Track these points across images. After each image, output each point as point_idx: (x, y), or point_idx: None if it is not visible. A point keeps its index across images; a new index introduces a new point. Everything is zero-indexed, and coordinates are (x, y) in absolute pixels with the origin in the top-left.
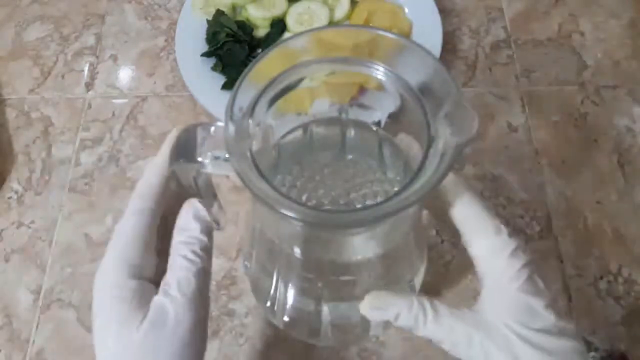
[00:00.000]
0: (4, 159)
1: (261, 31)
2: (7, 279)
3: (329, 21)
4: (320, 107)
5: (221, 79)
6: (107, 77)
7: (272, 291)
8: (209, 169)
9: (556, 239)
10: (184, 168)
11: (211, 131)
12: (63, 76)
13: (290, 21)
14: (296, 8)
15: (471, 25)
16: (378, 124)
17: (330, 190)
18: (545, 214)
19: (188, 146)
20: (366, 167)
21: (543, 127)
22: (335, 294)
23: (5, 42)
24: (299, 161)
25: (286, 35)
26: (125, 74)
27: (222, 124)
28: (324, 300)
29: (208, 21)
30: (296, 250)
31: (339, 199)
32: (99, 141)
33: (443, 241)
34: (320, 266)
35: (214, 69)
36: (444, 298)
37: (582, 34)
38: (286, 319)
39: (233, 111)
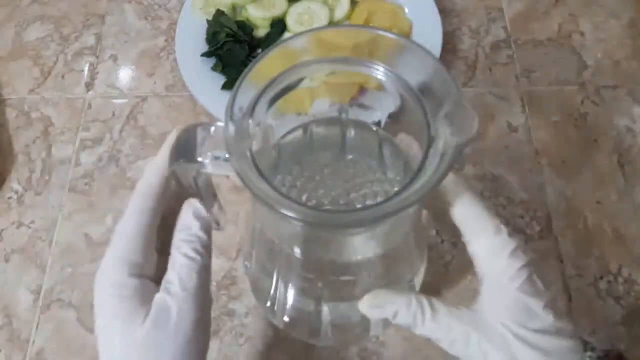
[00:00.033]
0: (4, 159)
1: (261, 31)
2: (7, 279)
3: (329, 21)
4: (320, 107)
5: (221, 79)
6: (107, 77)
7: (272, 291)
8: (209, 169)
9: (556, 239)
10: (184, 168)
11: (211, 131)
12: (63, 76)
13: (290, 21)
14: (296, 8)
15: (471, 25)
16: (378, 124)
17: (330, 190)
18: (545, 214)
19: (188, 146)
20: (366, 167)
21: (543, 127)
22: (335, 294)
23: (5, 42)
24: (299, 161)
25: (286, 35)
26: (125, 74)
27: (222, 124)
28: (324, 300)
29: (208, 21)
30: (296, 250)
31: (339, 199)
32: (99, 141)
33: (443, 241)
34: (320, 266)
35: (214, 69)
36: (444, 298)
37: (582, 34)
38: (286, 319)
39: (233, 111)
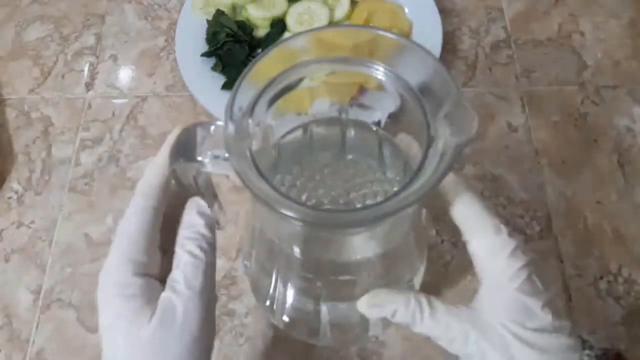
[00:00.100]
0: (4, 159)
1: (261, 31)
2: (7, 279)
3: (329, 21)
4: (320, 107)
5: (221, 79)
6: (107, 77)
7: (271, 291)
8: (208, 168)
9: (556, 239)
10: (184, 167)
11: (211, 130)
12: (63, 76)
13: (290, 21)
14: (296, 8)
15: (471, 25)
16: (378, 124)
17: (330, 190)
18: (545, 214)
19: (188, 145)
20: (366, 167)
21: (543, 127)
22: (335, 293)
23: (5, 42)
24: (299, 161)
25: (286, 35)
26: (125, 74)
27: (222, 123)
28: (323, 300)
29: (208, 21)
30: (296, 250)
31: (338, 198)
32: (99, 141)
33: (443, 241)
34: (319, 266)
35: (214, 69)
36: (444, 298)
37: (582, 34)
38: (285, 318)
39: (233, 111)
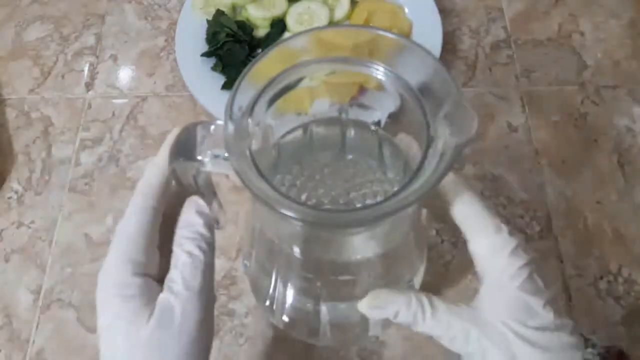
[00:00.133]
0: (4, 159)
1: (261, 31)
2: (7, 279)
3: (329, 21)
4: (320, 107)
5: (221, 79)
6: (107, 77)
7: (271, 291)
8: (208, 168)
9: (556, 239)
10: (183, 166)
11: (211, 130)
12: (63, 76)
13: (290, 21)
14: (296, 8)
15: (471, 25)
16: (378, 124)
17: (330, 190)
18: (545, 214)
19: (188, 144)
20: (366, 167)
21: (543, 127)
22: (334, 293)
23: (5, 42)
24: (298, 161)
25: (286, 35)
26: (125, 74)
27: (221, 122)
28: (323, 300)
29: (208, 21)
30: (295, 250)
31: (338, 198)
32: (99, 141)
33: (443, 241)
34: (319, 266)
35: (214, 69)
36: (444, 298)
37: (582, 34)
38: (285, 318)
39: (232, 110)
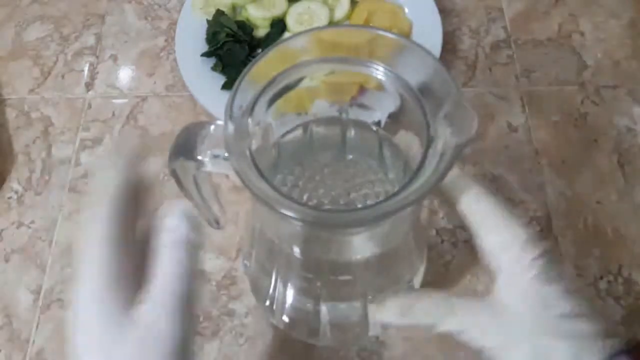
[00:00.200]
0: (4, 159)
1: (261, 31)
2: (7, 279)
3: (329, 21)
4: (320, 107)
5: (221, 79)
6: (107, 77)
7: (271, 291)
8: (208, 168)
9: (556, 239)
10: (183, 166)
11: (211, 130)
12: (63, 76)
13: (290, 21)
14: (296, 8)
15: (471, 25)
16: (378, 124)
17: (330, 190)
18: (545, 214)
19: (188, 144)
20: (366, 167)
21: (543, 127)
22: (334, 293)
23: (5, 42)
24: (299, 161)
25: (286, 35)
26: (125, 74)
27: (221, 122)
28: (323, 300)
29: (208, 21)
30: (295, 250)
31: (339, 199)
32: (99, 141)
33: (443, 241)
34: (319, 266)
35: (214, 69)
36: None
37: (582, 34)
38: (285, 318)
39: (232, 110)
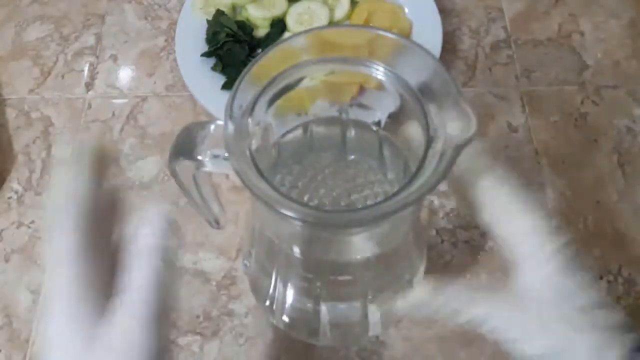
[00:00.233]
0: (4, 159)
1: (261, 31)
2: (7, 279)
3: (329, 21)
4: (320, 107)
5: (221, 79)
6: (107, 77)
7: (271, 291)
8: (208, 167)
9: None
10: (183, 166)
11: (211, 130)
12: (63, 76)
13: (290, 21)
14: (296, 8)
15: (471, 25)
16: (378, 124)
17: (330, 190)
18: (546, 214)
19: (187, 144)
20: (367, 167)
21: (543, 127)
22: (334, 293)
23: (5, 42)
24: (299, 161)
25: (286, 35)
26: (125, 74)
27: (221, 122)
28: (323, 300)
29: (208, 21)
30: (295, 250)
31: (339, 199)
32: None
33: (443, 241)
34: (319, 266)
35: (214, 69)
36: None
37: (582, 34)
38: (285, 318)
39: (232, 110)
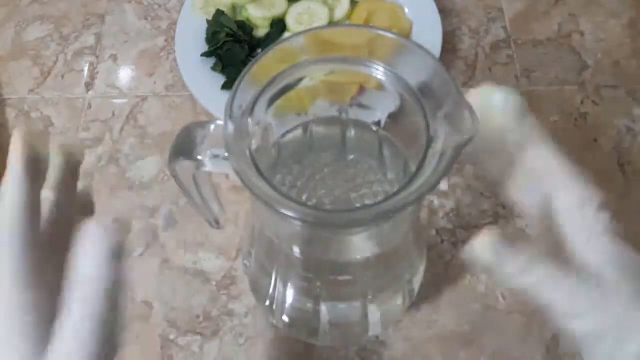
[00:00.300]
0: (4, 159)
1: (261, 31)
2: None
3: (329, 21)
4: (320, 107)
5: (221, 79)
6: (107, 77)
7: (271, 291)
8: (208, 167)
9: None
10: (183, 166)
11: (211, 129)
12: (63, 76)
13: (290, 21)
14: (296, 8)
15: (471, 25)
16: (378, 124)
17: (330, 190)
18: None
19: (187, 144)
20: (367, 167)
21: (543, 127)
22: (334, 293)
23: (5, 42)
24: (299, 161)
25: (286, 35)
26: (125, 74)
27: (221, 122)
28: (323, 300)
29: (208, 21)
30: (295, 250)
31: (339, 199)
32: (99, 141)
33: (443, 241)
34: (319, 266)
35: (214, 69)
36: (444, 298)
37: (582, 34)
38: (285, 318)
39: (232, 110)
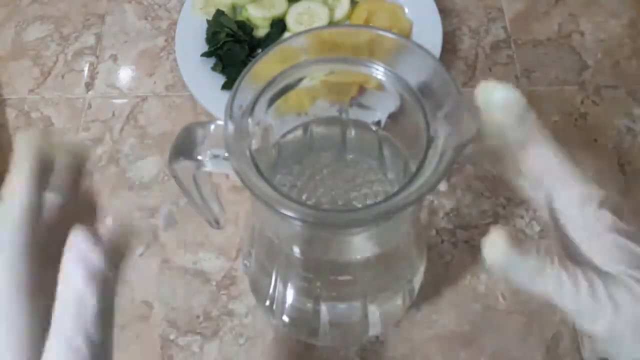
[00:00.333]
0: (4, 159)
1: (261, 31)
2: None
3: (329, 21)
4: (320, 107)
5: (221, 79)
6: (107, 77)
7: (271, 291)
8: (208, 167)
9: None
10: (183, 166)
11: (211, 129)
12: (63, 76)
13: (290, 21)
14: (296, 8)
15: (471, 25)
16: (378, 124)
17: (330, 190)
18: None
19: (187, 144)
20: (366, 167)
21: (544, 124)
22: (334, 293)
23: (5, 42)
24: (299, 161)
25: (286, 35)
26: (125, 74)
27: (221, 122)
28: (323, 300)
29: (208, 21)
30: (295, 250)
31: (339, 199)
32: (99, 141)
33: (443, 241)
34: (319, 266)
35: (214, 69)
36: (444, 298)
37: (582, 34)
38: (285, 318)
39: (232, 110)
